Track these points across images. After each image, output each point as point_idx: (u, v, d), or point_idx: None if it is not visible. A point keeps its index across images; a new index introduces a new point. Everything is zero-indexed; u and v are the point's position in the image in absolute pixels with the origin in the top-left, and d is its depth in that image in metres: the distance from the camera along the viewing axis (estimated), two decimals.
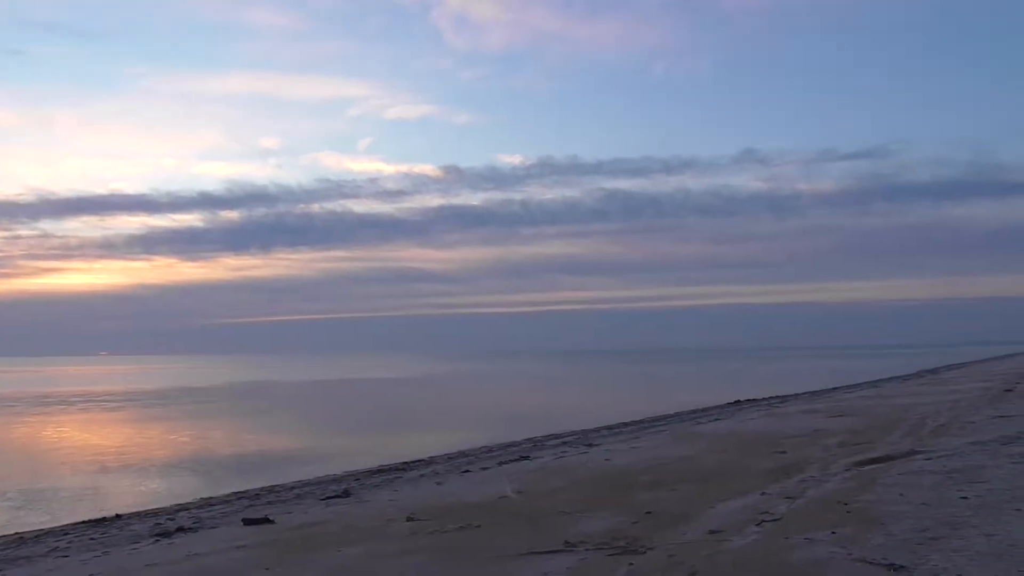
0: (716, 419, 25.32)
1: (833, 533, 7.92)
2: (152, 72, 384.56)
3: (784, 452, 14.74)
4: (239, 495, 16.50)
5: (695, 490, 11.09)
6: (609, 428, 26.84)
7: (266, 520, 10.92)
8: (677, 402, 38.80)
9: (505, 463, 16.60)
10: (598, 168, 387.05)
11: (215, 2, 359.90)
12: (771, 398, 37.76)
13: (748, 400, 36.99)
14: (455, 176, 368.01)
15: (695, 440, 18.04)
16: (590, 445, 19.50)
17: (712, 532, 8.33)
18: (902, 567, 6.64)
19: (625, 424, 28.08)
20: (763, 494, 10.46)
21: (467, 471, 16.03)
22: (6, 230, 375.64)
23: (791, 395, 39.46)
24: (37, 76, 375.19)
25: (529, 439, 24.61)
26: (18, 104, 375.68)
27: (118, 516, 14.66)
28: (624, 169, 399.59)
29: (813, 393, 40.37)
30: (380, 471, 18.73)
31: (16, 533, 13.79)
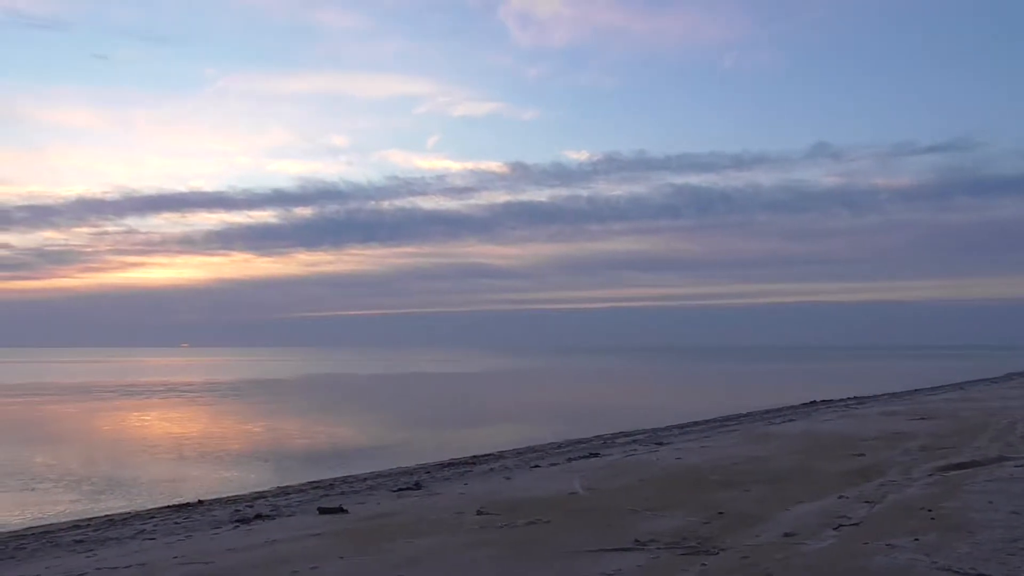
0: (790, 419, 24.74)
1: (916, 540, 7.66)
2: (225, 73, 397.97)
3: (862, 455, 14.31)
4: (314, 484, 16.91)
5: (768, 491, 10.87)
6: (679, 427, 26.53)
7: (340, 510, 11.16)
8: (749, 402, 38.05)
9: (574, 460, 16.57)
10: (666, 163, 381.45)
11: (284, 5, 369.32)
12: (848, 399, 36.68)
13: (823, 401, 36.02)
14: (521, 172, 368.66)
15: (768, 440, 17.68)
16: (660, 443, 19.30)
17: (787, 535, 8.16)
18: None
19: (695, 423, 27.69)
20: (840, 497, 10.19)
21: (536, 467, 16.06)
22: (94, 227, 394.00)
23: (869, 396, 38.26)
24: (119, 79, 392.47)
25: (598, 436, 24.51)
26: (103, 106, 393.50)
27: (200, 502, 15.21)
28: (693, 164, 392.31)
29: (892, 395, 39.05)
30: (450, 464, 18.93)
31: (106, 515, 14.44)
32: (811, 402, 35.58)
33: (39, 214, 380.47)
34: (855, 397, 37.93)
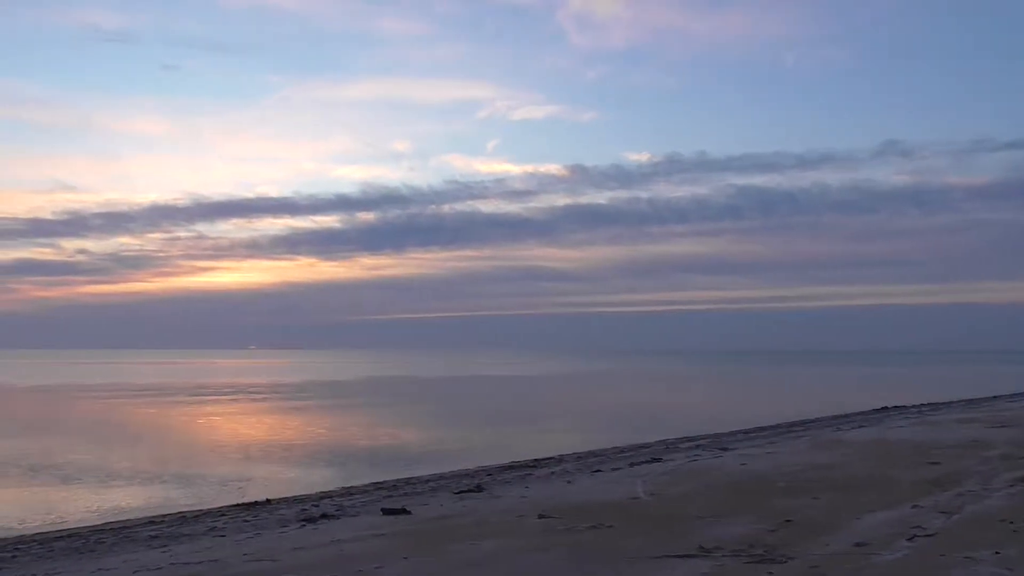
0: (860, 426, 24.06)
1: (997, 553, 7.36)
2: (288, 82, 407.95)
3: (937, 463, 13.82)
4: (377, 485, 17.14)
5: (838, 499, 10.58)
6: (744, 432, 26.06)
7: (403, 511, 11.28)
8: (816, 407, 37.13)
9: (636, 464, 16.42)
10: (727, 164, 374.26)
11: (345, 14, 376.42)
12: (922, 405, 35.48)
13: (896, 407, 34.92)
14: (581, 175, 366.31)
15: (837, 447, 17.22)
16: (724, 449, 18.98)
17: (858, 544, 7.92)
18: None
19: (761, 428, 27.16)
20: (914, 507, 9.85)
21: (597, 471, 15.97)
22: (166, 232, 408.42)
23: (944, 403, 36.95)
24: (188, 89, 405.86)
25: (660, 441, 24.25)
26: (172, 115, 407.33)
27: (268, 501, 15.57)
28: (755, 164, 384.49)
29: (969, 401, 37.64)
30: (511, 467, 18.97)
31: (179, 512, 14.90)
32: (882, 408, 34.53)
33: (115, 221, 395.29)
34: (929, 403, 36.67)
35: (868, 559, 7.33)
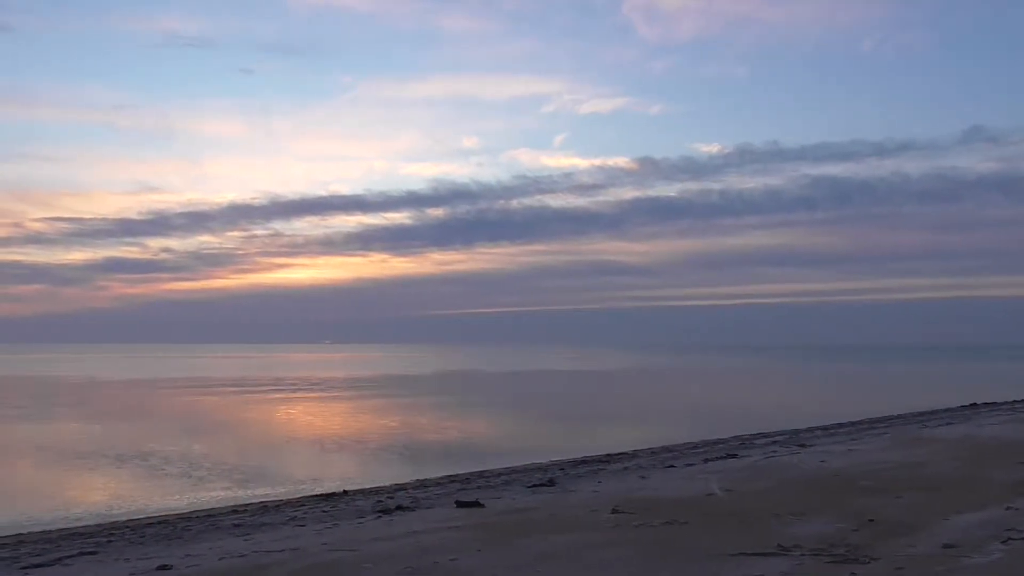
0: (947, 423, 23.14)
1: None
2: (358, 81, 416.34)
3: None
4: (451, 478, 17.33)
5: (924, 499, 10.20)
6: (823, 428, 25.37)
7: (477, 504, 11.37)
8: (899, 403, 35.83)
9: (711, 460, 16.17)
10: (802, 154, 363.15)
11: (412, 14, 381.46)
12: (1015, 402, 33.84)
13: (986, 403, 33.42)
14: (650, 168, 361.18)
15: (922, 445, 16.60)
16: (802, 445, 18.52)
17: (946, 546, 7.62)
18: None
19: (840, 425, 26.40)
20: (1008, 508, 9.42)
21: (671, 466, 15.79)
22: (244, 230, 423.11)
23: None
24: (262, 91, 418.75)
25: (735, 437, 23.82)
26: (248, 116, 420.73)
27: (345, 492, 15.93)
28: (831, 154, 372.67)
29: None
30: (583, 462, 18.92)
31: (260, 502, 15.38)
32: (971, 404, 33.10)
33: (196, 220, 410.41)
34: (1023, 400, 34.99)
35: (957, 562, 7.05)
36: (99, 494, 17.39)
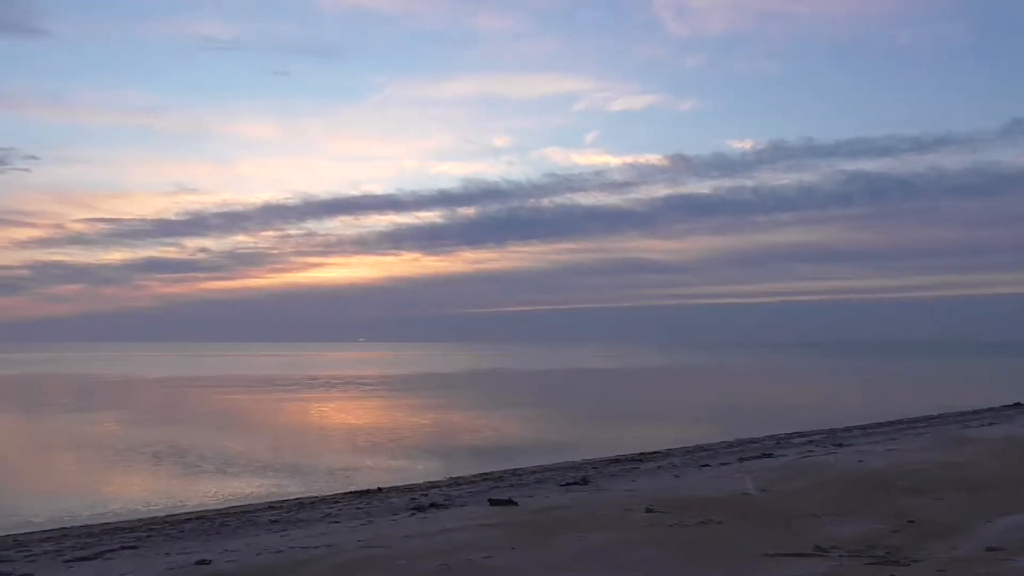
0: (990, 423, 22.67)
1: None
2: (389, 81, 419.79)
3: None
4: (484, 476, 17.36)
5: (966, 500, 10.01)
6: (860, 428, 25.00)
7: (510, 502, 11.37)
8: (940, 402, 35.16)
9: (746, 459, 16.02)
10: (836, 149, 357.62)
11: (441, 14, 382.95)
12: None
13: None
14: (682, 165, 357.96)
15: (964, 445, 16.28)
16: (839, 445, 18.28)
17: (990, 549, 7.47)
18: None
19: (879, 424, 25.99)
20: None
21: (706, 466, 15.67)
22: (278, 230, 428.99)
23: None
24: (294, 92, 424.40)
25: (771, 436, 23.55)
26: (281, 118, 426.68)
27: (379, 489, 16.03)
28: (866, 149, 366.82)
29: None
30: (617, 460, 18.84)
31: (296, 499, 15.53)
32: (1015, 404, 32.37)
33: (232, 220, 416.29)
34: None
35: (1001, 565, 6.90)
36: (137, 489, 17.70)
